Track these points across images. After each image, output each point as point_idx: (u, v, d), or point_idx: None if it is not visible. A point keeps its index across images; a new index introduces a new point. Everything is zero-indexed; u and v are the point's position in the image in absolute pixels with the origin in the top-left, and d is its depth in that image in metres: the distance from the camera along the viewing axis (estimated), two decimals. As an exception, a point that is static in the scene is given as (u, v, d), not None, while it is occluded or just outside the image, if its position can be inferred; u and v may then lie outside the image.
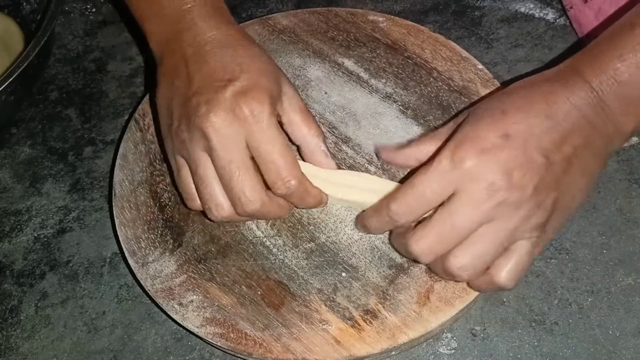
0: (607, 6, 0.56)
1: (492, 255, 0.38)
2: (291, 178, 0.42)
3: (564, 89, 0.39)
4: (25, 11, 0.66)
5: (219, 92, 0.42)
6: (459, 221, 0.37)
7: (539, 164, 0.37)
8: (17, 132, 0.61)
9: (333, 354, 0.42)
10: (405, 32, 0.56)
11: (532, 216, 0.37)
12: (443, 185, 0.37)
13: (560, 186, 0.38)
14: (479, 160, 0.37)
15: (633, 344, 0.44)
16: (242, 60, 0.44)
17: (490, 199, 0.36)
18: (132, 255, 0.47)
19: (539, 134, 0.37)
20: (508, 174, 0.36)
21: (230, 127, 0.42)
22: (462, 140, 0.38)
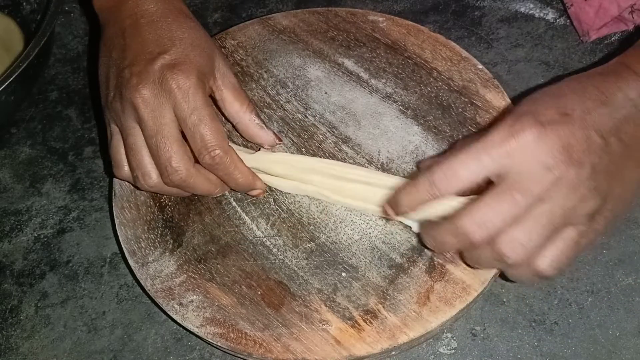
0: (608, 3, 0.56)
1: (544, 236, 0.36)
2: (216, 147, 0.44)
3: (616, 81, 0.38)
4: (25, 11, 0.66)
5: (149, 64, 0.44)
6: (517, 195, 0.35)
7: (598, 144, 0.36)
8: (17, 132, 0.61)
9: (333, 354, 0.42)
10: (405, 32, 0.56)
11: (587, 200, 0.36)
12: (501, 155, 0.35)
13: (616, 173, 0.37)
14: (538, 133, 0.35)
15: (633, 344, 0.44)
16: (175, 34, 0.46)
17: (549, 174, 0.35)
18: (132, 255, 0.47)
19: (596, 117, 0.36)
20: (568, 150, 0.35)
21: (158, 98, 0.43)
22: (520, 114, 0.36)
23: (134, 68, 0.45)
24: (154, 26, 0.47)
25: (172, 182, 0.45)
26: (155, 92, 0.43)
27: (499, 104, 0.51)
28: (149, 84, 0.44)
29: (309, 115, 0.53)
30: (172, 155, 0.44)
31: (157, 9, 0.47)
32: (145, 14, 0.47)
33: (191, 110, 0.43)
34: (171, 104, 0.43)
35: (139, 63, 0.45)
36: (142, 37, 0.46)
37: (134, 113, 0.44)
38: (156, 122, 0.43)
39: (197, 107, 0.43)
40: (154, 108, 0.44)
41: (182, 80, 0.43)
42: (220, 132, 0.44)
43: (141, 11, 0.47)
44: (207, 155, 0.44)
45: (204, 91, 0.44)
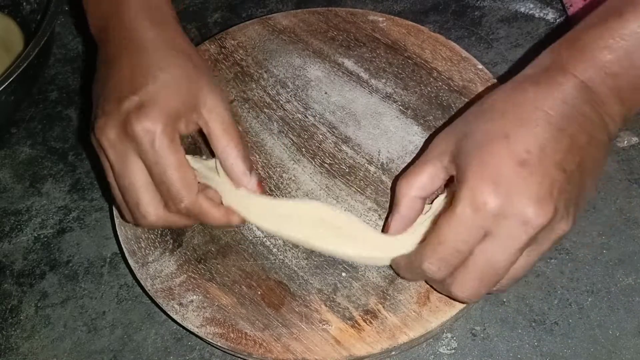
0: None
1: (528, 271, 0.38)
2: (182, 199, 0.42)
3: (556, 91, 0.37)
4: (25, 11, 0.66)
5: (117, 105, 0.42)
6: (500, 261, 0.36)
7: (561, 181, 0.35)
8: (17, 132, 0.61)
9: (333, 354, 0.42)
10: (405, 32, 0.56)
11: (563, 232, 0.36)
12: (473, 234, 0.35)
13: (579, 189, 0.37)
14: (502, 199, 0.34)
15: (633, 344, 0.44)
16: (151, 71, 0.43)
17: (527, 232, 0.35)
18: (132, 255, 0.47)
19: (549, 148, 0.35)
20: (538, 203, 0.34)
21: (123, 144, 0.42)
22: (476, 180, 0.35)
23: (105, 106, 0.43)
24: (133, 58, 0.44)
25: (143, 225, 0.44)
26: (120, 136, 0.42)
27: (499, 104, 0.51)
28: (114, 128, 0.42)
29: (309, 115, 0.53)
30: (138, 202, 0.42)
31: (142, 37, 0.45)
32: (129, 41, 0.45)
33: (156, 159, 0.41)
34: (137, 150, 0.42)
35: (110, 102, 0.43)
36: (119, 71, 0.44)
37: (103, 152, 0.43)
38: (122, 167, 0.42)
39: (162, 155, 0.41)
40: (120, 153, 0.42)
41: (147, 126, 0.41)
42: (187, 181, 0.42)
43: (125, 38, 0.45)
44: (173, 206, 0.43)
45: (171, 137, 0.42)
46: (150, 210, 0.43)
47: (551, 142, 0.35)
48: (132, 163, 0.42)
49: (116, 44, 0.45)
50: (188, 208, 0.43)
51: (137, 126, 0.41)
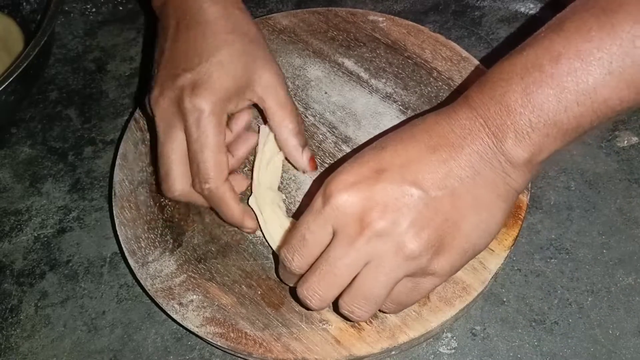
0: None
1: (380, 296, 0.36)
2: (209, 180, 0.43)
3: (449, 119, 0.36)
4: (25, 11, 0.66)
5: (172, 79, 0.44)
6: (337, 261, 0.35)
7: (416, 198, 0.34)
8: (17, 132, 0.61)
9: (333, 353, 0.42)
10: (405, 32, 0.56)
11: (413, 255, 0.34)
12: (320, 224, 0.35)
13: (447, 223, 0.35)
14: (348, 195, 0.34)
15: (633, 344, 0.44)
16: (206, 49, 0.44)
17: (363, 234, 0.34)
18: (132, 255, 0.47)
19: (418, 167, 0.35)
20: (380, 208, 0.34)
21: (173, 116, 0.44)
22: (335, 176, 0.36)
23: (161, 77, 0.45)
24: (190, 34, 0.45)
25: (167, 195, 0.46)
26: (171, 109, 0.44)
27: (499, 103, 0.51)
28: (167, 99, 0.44)
29: (309, 115, 0.53)
30: (169, 173, 0.44)
31: (201, 11, 0.46)
32: (189, 16, 0.46)
33: (197, 137, 0.43)
34: (182, 125, 0.44)
35: (165, 74, 0.45)
36: (176, 46, 0.46)
37: (155, 121, 0.45)
38: (164, 137, 0.44)
39: (204, 135, 0.43)
40: (167, 123, 0.44)
41: (197, 104, 0.43)
42: (218, 165, 0.43)
43: (185, 12, 0.46)
44: (198, 184, 0.44)
45: (218, 118, 0.43)
46: (177, 184, 0.44)
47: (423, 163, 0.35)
48: (174, 135, 0.44)
49: (176, 17, 0.46)
50: (211, 190, 0.44)
51: (187, 103, 0.43)
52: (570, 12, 0.35)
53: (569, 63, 0.33)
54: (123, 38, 0.67)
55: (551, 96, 0.34)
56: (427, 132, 0.36)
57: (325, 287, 0.36)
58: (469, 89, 0.37)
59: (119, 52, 0.66)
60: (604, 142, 0.52)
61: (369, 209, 0.34)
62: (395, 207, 0.34)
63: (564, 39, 0.34)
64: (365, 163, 0.36)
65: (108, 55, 0.65)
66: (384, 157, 0.36)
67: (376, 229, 0.34)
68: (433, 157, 0.35)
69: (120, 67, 0.64)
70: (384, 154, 0.36)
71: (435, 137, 0.36)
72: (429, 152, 0.35)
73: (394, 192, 0.34)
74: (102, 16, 0.69)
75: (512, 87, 0.34)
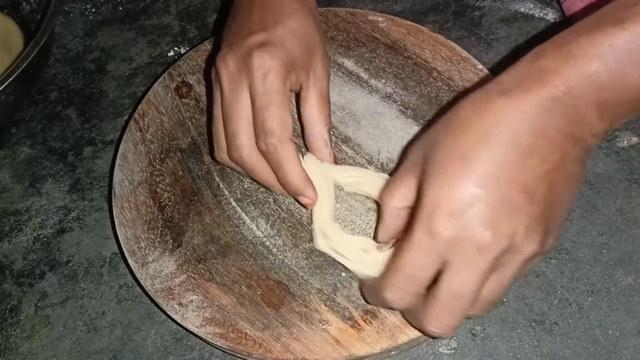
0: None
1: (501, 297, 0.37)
2: (274, 134, 0.42)
3: (527, 104, 0.34)
4: (25, 11, 0.66)
5: (243, 38, 0.44)
6: (464, 289, 0.34)
7: (522, 203, 0.33)
8: (17, 132, 0.61)
9: (333, 354, 0.42)
10: (405, 32, 0.56)
11: (535, 255, 0.35)
12: (430, 261, 0.34)
13: (549, 210, 0.34)
14: (456, 227, 0.33)
15: (633, 344, 0.44)
16: (281, 18, 0.44)
17: (485, 258, 0.33)
18: (132, 255, 0.47)
19: (510, 170, 0.33)
20: (493, 228, 0.33)
21: (239, 72, 0.43)
22: (432, 207, 0.34)
23: (232, 39, 0.45)
24: (264, 6, 0.46)
25: (234, 159, 0.44)
26: (238, 65, 0.43)
27: (499, 104, 0.51)
28: (235, 56, 0.43)
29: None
30: (237, 131, 0.43)
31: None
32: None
33: (263, 92, 0.42)
34: (249, 82, 0.43)
35: (237, 35, 0.45)
36: (251, 12, 0.46)
37: (218, 81, 0.44)
38: (231, 96, 0.43)
39: (270, 91, 0.42)
40: (233, 81, 0.43)
41: (266, 60, 0.42)
42: (284, 121, 0.42)
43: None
44: (262, 141, 0.42)
45: (284, 78, 0.43)
46: (246, 141, 0.43)
47: (513, 163, 0.33)
48: (241, 93, 0.43)
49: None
50: (275, 146, 0.42)
51: (256, 58, 0.42)
52: None
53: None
54: (123, 38, 0.67)
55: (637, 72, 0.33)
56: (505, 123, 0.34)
57: (457, 315, 0.35)
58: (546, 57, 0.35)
59: (118, 52, 0.66)
60: (604, 142, 0.52)
61: (483, 234, 0.33)
62: (507, 221, 0.33)
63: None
64: (456, 184, 0.34)
65: (108, 56, 0.65)
66: (472, 171, 0.33)
67: (497, 249, 0.33)
68: (519, 152, 0.33)
69: (120, 67, 0.64)
70: (470, 167, 0.33)
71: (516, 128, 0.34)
72: (514, 148, 0.33)
73: (501, 207, 0.33)
74: (102, 16, 0.69)
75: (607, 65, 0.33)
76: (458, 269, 0.34)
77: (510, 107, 0.34)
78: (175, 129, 0.53)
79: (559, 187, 0.35)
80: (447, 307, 0.35)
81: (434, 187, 0.34)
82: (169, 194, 0.50)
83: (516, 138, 0.33)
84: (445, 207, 0.33)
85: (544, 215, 0.34)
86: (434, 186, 0.34)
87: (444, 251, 0.34)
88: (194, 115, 0.54)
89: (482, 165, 0.33)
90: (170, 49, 0.65)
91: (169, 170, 0.51)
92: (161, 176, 0.51)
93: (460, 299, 0.34)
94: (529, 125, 0.33)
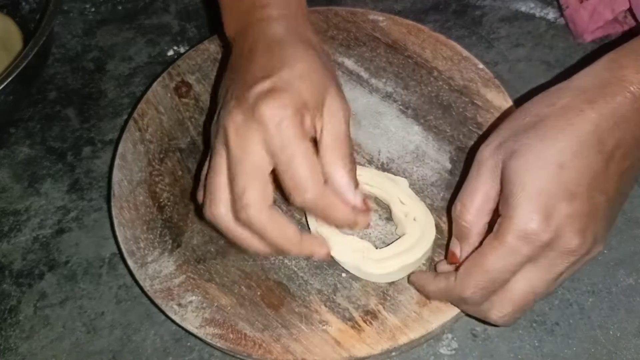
0: (602, 7, 0.56)
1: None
2: (308, 188, 0.38)
3: (611, 115, 0.36)
4: (24, 11, 0.65)
5: (249, 88, 0.40)
6: (539, 287, 0.37)
7: (603, 207, 0.36)
8: (16, 132, 0.61)
9: (333, 354, 0.42)
10: (405, 31, 0.56)
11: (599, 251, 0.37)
12: (520, 263, 0.36)
13: (617, 211, 0.38)
14: (552, 233, 0.35)
15: (634, 345, 0.44)
16: (286, 61, 0.41)
17: (569, 260, 0.36)
18: (131, 256, 0.47)
19: (598, 178, 0.36)
20: (582, 236, 0.35)
21: (248, 127, 0.39)
22: (527, 211, 0.35)
23: (236, 91, 0.41)
24: (269, 50, 0.43)
25: (242, 219, 0.39)
26: (247, 118, 0.39)
27: (500, 103, 0.51)
28: (242, 109, 0.39)
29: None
30: (247, 187, 0.38)
31: (278, 34, 0.43)
32: (266, 38, 0.43)
33: (283, 145, 0.38)
34: (262, 135, 0.38)
35: (242, 87, 0.41)
36: (254, 61, 0.42)
37: (224, 136, 0.40)
38: (241, 150, 0.39)
39: (290, 142, 0.38)
40: (242, 135, 0.39)
41: (277, 109, 0.38)
42: (315, 170, 0.39)
43: (263, 35, 0.44)
44: (297, 197, 0.38)
45: (300, 124, 0.39)
46: (257, 199, 0.38)
47: (600, 171, 0.35)
48: (253, 146, 0.39)
49: (253, 39, 0.44)
50: (314, 200, 0.38)
51: (265, 109, 0.38)
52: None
53: None
54: (122, 38, 0.66)
55: None
56: (594, 133, 0.35)
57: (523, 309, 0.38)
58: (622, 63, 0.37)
59: (118, 51, 0.65)
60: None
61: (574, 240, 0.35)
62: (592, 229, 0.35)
63: None
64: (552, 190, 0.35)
65: (107, 55, 0.65)
66: (570, 180, 0.35)
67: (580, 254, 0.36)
68: (604, 159, 0.35)
69: (119, 67, 0.64)
70: (569, 177, 0.35)
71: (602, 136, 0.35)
72: (600, 156, 0.35)
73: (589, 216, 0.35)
74: (101, 16, 0.69)
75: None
76: (540, 270, 0.36)
77: (596, 117, 0.36)
78: (174, 128, 0.53)
79: (625, 192, 0.38)
80: (519, 303, 0.37)
81: (527, 192, 0.35)
82: (168, 194, 0.50)
83: (602, 147, 0.35)
84: (541, 214, 0.35)
85: (614, 217, 0.38)
86: (527, 191, 0.35)
87: (532, 254, 0.35)
88: (193, 115, 0.54)
89: (577, 176, 0.35)
90: (169, 49, 0.65)
91: (168, 170, 0.51)
92: (160, 176, 0.51)
93: (533, 297, 0.37)
94: (613, 133, 0.36)
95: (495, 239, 0.36)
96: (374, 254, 0.43)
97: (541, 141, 0.36)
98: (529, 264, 0.36)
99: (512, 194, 0.36)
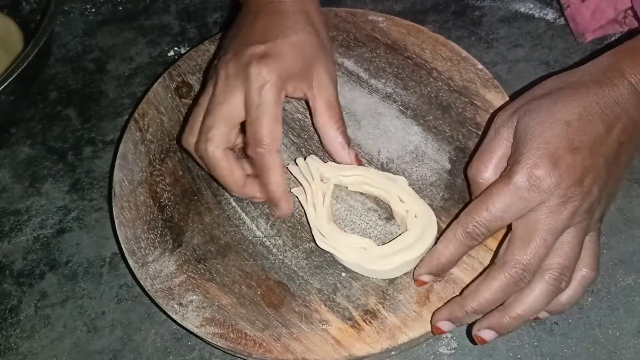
0: (604, 5, 0.56)
1: (576, 258, 0.40)
2: (262, 145, 0.44)
3: (612, 93, 0.40)
4: (25, 11, 0.66)
5: (245, 48, 0.46)
6: (545, 233, 0.38)
7: (602, 167, 0.39)
8: (17, 132, 0.61)
9: (333, 354, 0.42)
10: (405, 32, 0.56)
11: (596, 211, 0.40)
12: (522, 206, 0.39)
13: (612, 181, 0.41)
14: (555, 179, 0.38)
15: (633, 344, 0.44)
16: (281, 31, 0.47)
17: (567, 208, 0.38)
18: (132, 255, 0.47)
19: (599, 141, 0.39)
20: (580, 184, 0.38)
21: (237, 79, 0.45)
22: (536, 157, 0.39)
23: (235, 47, 0.47)
24: (269, 18, 0.48)
25: (199, 150, 0.45)
26: (237, 72, 0.45)
27: (499, 104, 0.51)
28: (236, 63, 0.45)
29: (308, 115, 0.52)
30: (215, 125, 0.45)
31: (283, 4, 0.48)
32: (270, 6, 0.49)
33: (257, 104, 0.44)
34: (244, 90, 0.45)
35: (240, 45, 0.47)
36: (255, 25, 0.48)
37: (215, 80, 0.46)
38: (223, 95, 0.45)
39: (265, 103, 0.44)
40: (229, 84, 0.45)
41: (264, 72, 0.44)
42: (274, 133, 0.44)
43: (268, 3, 0.49)
44: (252, 149, 0.45)
45: (279, 90, 0.45)
46: (217, 137, 0.45)
47: (601, 136, 0.39)
48: (233, 97, 0.45)
49: (259, 4, 0.49)
50: (263, 155, 0.44)
51: (254, 70, 0.44)
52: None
53: None
54: (122, 38, 0.67)
55: None
56: (599, 105, 0.40)
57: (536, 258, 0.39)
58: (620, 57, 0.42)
59: (118, 52, 0.66)
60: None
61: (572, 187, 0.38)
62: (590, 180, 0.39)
63: None
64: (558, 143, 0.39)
65: (107, 55, 0.65)
66: (573, 135, 0.39)
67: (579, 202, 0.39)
68: (606, 129, 0.40)
69: (119, 67, 0.64)
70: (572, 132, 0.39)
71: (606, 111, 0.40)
72: (603, 125, 0.40)
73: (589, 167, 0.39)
74: (102, 16, 0.69)
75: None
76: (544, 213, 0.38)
77: (599, 93, 0.40)
78: (175, 129, 0.53)
79: (620, 164, 0.41)
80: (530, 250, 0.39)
81: (536, 141, 0.39)
82: (169, 194, 0.50)
83: (605, 117, 0.40)
84: (547, 161, 0.38)
85: (609, 184, 0.40)
86: (536, 140, 0.39)
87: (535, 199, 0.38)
88: (193, 115, 0.54)
89: (580, 133, 0.39)
90: (170, 49, 0.65)
91: (169, 170, 0.51)
92: (161, 176, 0.51)
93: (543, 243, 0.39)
94: (612, 110, 0.40)
95: (504, 178, 0.39)
96: (376, 251, 0.44)
97: (554, 104, 0.41)
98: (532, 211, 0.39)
99: (523, 143, 0.40)
